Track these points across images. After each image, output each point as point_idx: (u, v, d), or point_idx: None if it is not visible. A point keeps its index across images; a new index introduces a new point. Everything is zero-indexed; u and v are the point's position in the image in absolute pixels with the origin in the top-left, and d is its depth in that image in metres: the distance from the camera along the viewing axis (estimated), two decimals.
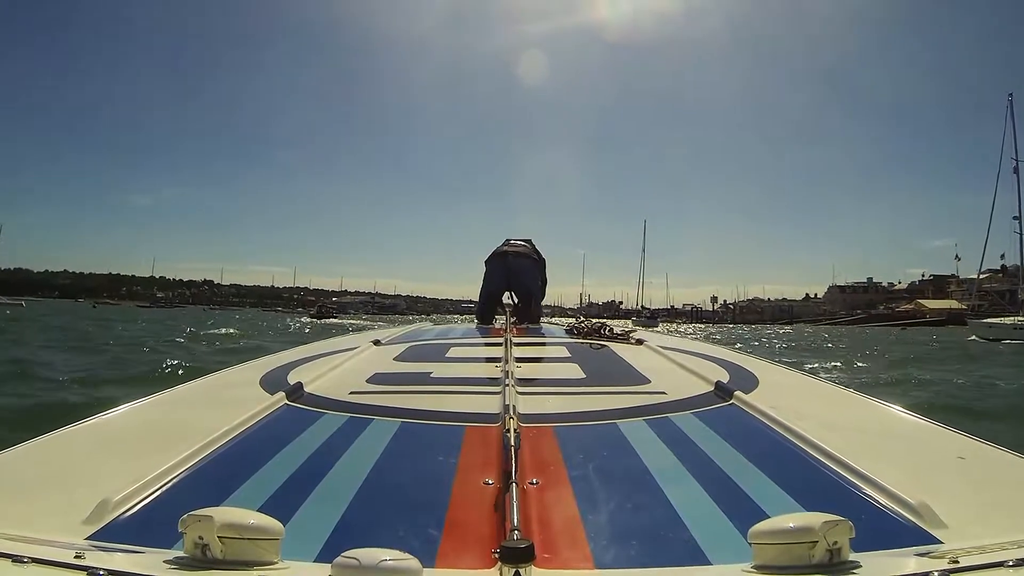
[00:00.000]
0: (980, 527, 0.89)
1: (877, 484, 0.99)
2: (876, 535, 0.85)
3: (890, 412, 1.53)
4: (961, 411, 5.83)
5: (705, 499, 0.98)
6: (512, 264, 3.69)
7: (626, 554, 0.84)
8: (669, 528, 0.89)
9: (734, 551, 0.80)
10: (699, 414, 1.41)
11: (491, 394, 1.55)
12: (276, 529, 0.75)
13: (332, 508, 0.94)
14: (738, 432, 1.29)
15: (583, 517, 0.92)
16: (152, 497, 0.97)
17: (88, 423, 1.36)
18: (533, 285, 3.77)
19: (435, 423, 1.36)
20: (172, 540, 0.78)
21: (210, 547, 0.72)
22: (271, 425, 1.34)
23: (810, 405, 1.57)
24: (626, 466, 1.12)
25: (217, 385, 1.81)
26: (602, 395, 1.67)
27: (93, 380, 6.73)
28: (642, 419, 1.36)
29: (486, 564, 0.78)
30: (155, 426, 1.40)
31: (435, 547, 0.84)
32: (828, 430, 1.25)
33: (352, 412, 1.41)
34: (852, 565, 0.72)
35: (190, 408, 1.56)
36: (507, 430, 1.10)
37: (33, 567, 0.70)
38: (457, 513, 0.93)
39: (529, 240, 4.01)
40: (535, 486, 1.01)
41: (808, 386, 1.91)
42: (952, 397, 7.06)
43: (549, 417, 1.37)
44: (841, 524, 0.71)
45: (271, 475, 1.06)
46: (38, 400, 5.33)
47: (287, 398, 1.48)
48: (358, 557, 0.66)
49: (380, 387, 1.70)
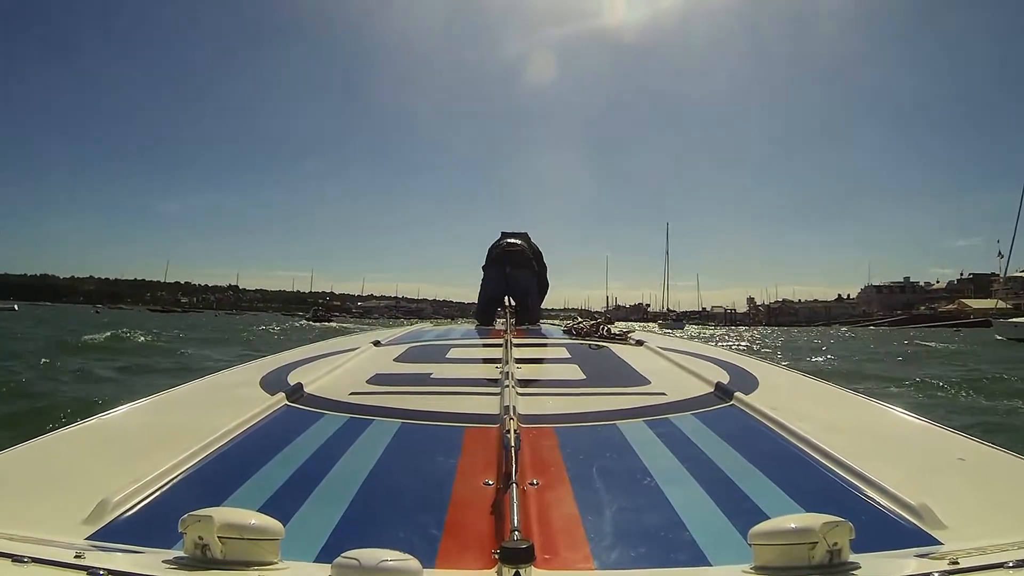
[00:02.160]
0: (980, 528, 0.89)
1: (877, 485, 0.99)
2: (876, 536, 0.85)
3: (890, 413, 1.53)
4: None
5: (705, 500, 0.98)
6: (511, 276, 3.74)
7: (626, 555, 0.84)
8: (669, 529, 0.89)
9: (734, 552, 0.80)
10: (699, 415, 1.41)
11: (491, 395, 1.55)
12: (276, 529, 0.75)
13: (332, 508, 0.94)
14: (738, 433, 1.29)
15: (583, 518, 0.92)
16: (152, 497, 0.97)
17: (88, 423, 1.36)
18: (531, 288, 3.79)
19: (435, 424, 1.36)
20: (172, 540, 0.78)
21: (210, 547, 0.72)
22: (271, 425, 1.34)
23: (810, 406, 1.57)
24: (626, 467, 1.12)
25: (217, 385, 1.81)
26: (602, 396, 1.67)
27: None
28: (642, 420, 1.36)
29: (486, 565, 0.78)
30: (155, 426, 1.40)
31: (435, 547, 0.84)
32: (828, 431, 1.25)
33: (352, 413, 1.41)
34: (852, 566, 0.72)
35: (190, 408, 1.56)
36: (507, 431, 1.10)
37: (33, 567, 0.70)
38: (457, 514, 0.93)
39: (525, 234, 4.01)
40: (535, 487, 1.01)
41: (808, 387, 1.91)
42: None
43: (549, 418, 1.37)
44: (841, 525, 0.71)
45: (271, 475, 1.06)
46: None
47: (287, 399, 1.48)
48: (358, 557, 0.66)
49: (380, 388, 1.70)
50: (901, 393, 7.59)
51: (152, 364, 9.69)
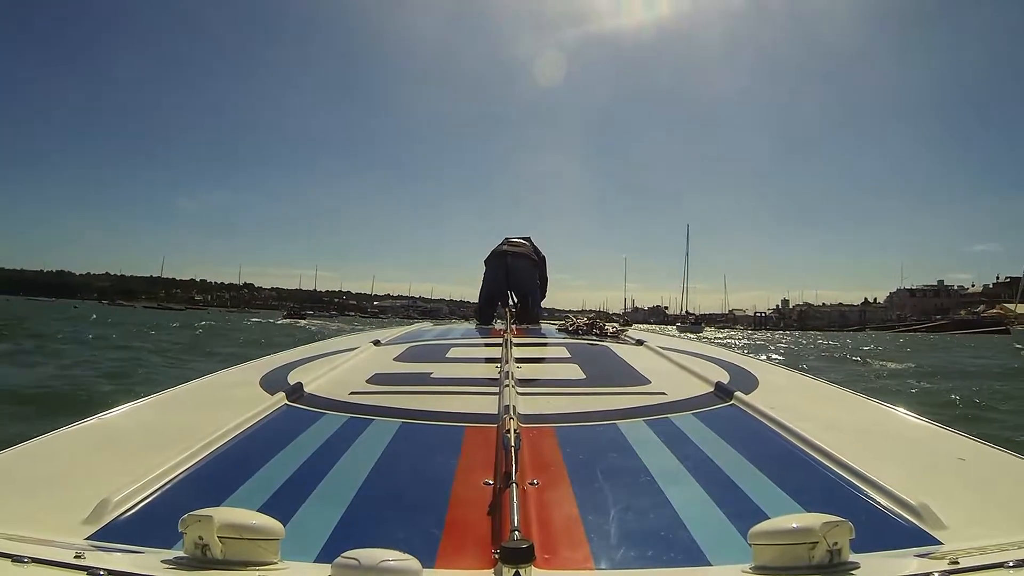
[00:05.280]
0: (980, 528, 0.89)
1: (877, 485, 0.99)
2: (876, 536, 0.85)
3: (890, 413, 1.53)
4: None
5: (705, 500, 0.98)
6: (511, 264, 3.71)
7: (626, 555, 0.84)
8: (669, 529, 0.89)
9: (734, 552, 0.80)
10: (699, 415, 1.41)
11: (491, 394, 1.55)
12: (276, 529, 0.75)
13: (332, 508, 0.94)
14: (738, 433, 1.29)
15: (583, 517, 0.92)
16: (152, 497, 0.97)
17: (88, 423, 1.36)
18: (532, 285, 3.79)
19: (435, 423, 1.36)
20: (172, 540, 0.78)
21: (210, 547, 0.72)
22: (271, 425, 1.34)
23: (810, 406, 1.57)
24: (626, 467, 1.12)
25: (217, 385, 1.81)
26: (602, 396, 1.67)
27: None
28: (642, 420, 1.36)
29: (486, 564, 0.78)
30: (155, 426, 1.40)
31: (435, 547, 0.84)
32: (828, 431, 1.25)
33: (352, 412, 1.41)
34: (852, 566, 0.72)
35: (190, 408, 1.56)
36: (507, 430, 1.10)
37: (33, 567, 0.70)
38: (457, 513, 0.93)
39: (528, 238, 4.00)
40: (535, 486, 1.01)
41: (808, 387, 1.91)
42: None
43: (549, 418, 1.37)
44: (841, 525, 0.71)
45: (271, 475, 1.06)
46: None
47: (287, 398, 1.48)
48: (358, 557, 0.66)
49: (380, 387, 1.70)
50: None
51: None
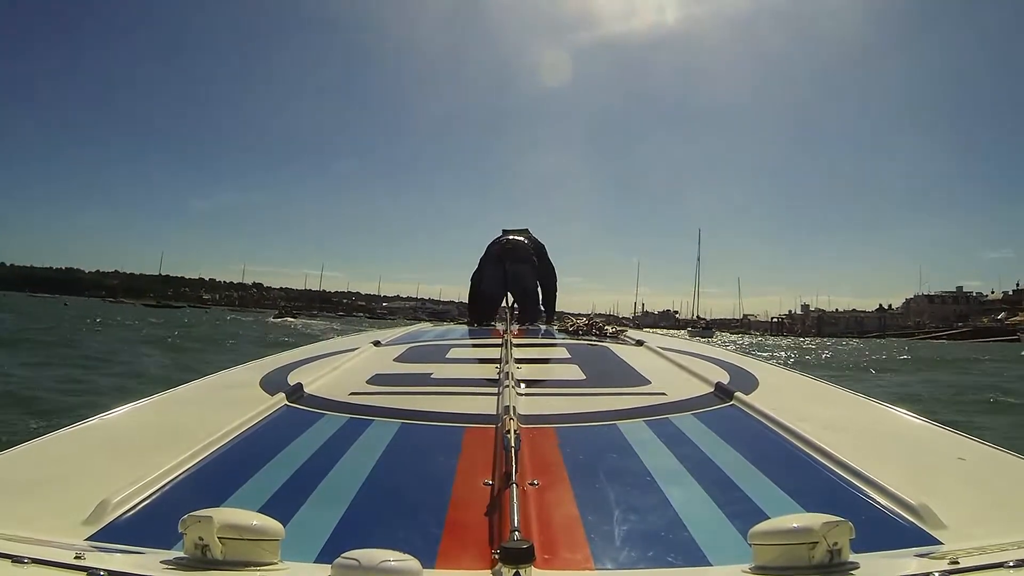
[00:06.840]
0: (980, 528, 0.89)
1: (877, 485, 0.99)
2: (876, 536, 0.85)
3: (890, 413, 1.53)
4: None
5: (705, 500, 0.98)
6: (511, 272, 3.73)
7: (626, 555, 0.84)
8: (669, 529, 0.89)
9: (734, 552, 0.80)
10: (699, 415, 1.41)
11: (491, 395, 1.55)
12: (276, 530, 0.75)
13: (332, 509, 0.94)
14: (738, 433, 1.29)
15: (583, 518, 0.92)
16: (152, 498, 0.97)
17: (88, 423, 1.36)
18: (531, 287, 3.79)
19: (435, 424, 1.36)
20: (172, 541, 0.78)
21: (210, 548, 0.72)
22: (271, 426, 1.34)
23: (810, 406, 1.57)
24: (626, 467, 1.12)
25: (217, 386, 1.81)
26: (602, 396, 1.67)
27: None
28: (642, 420, 1.36)
29: (486, 565, 0.78)
30: (155, 426, 1.40)
31: (435, 548, 0.84)
32: (828, 431, 1.25)
33: (352, 413, 1.41)
34: (852, 566, 0.72)
35: (190, 409, 1.56)
36: (507, 431, 1.10)
37: (33, 567, 0.70)
38: (457, 514, 0.93)
39: (526, 230, 4.00)
40: (535, 487, 1.01)
41: (808, 387, 1.91)
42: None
43: (549, 418, 1.37)
44: (841, 525, 0.71)
45: (271, 476, 1.06)
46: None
47: (287, 399, 1.48)
48: (358, 558, 0.66)
49: (380, 388, 1.70)
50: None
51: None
